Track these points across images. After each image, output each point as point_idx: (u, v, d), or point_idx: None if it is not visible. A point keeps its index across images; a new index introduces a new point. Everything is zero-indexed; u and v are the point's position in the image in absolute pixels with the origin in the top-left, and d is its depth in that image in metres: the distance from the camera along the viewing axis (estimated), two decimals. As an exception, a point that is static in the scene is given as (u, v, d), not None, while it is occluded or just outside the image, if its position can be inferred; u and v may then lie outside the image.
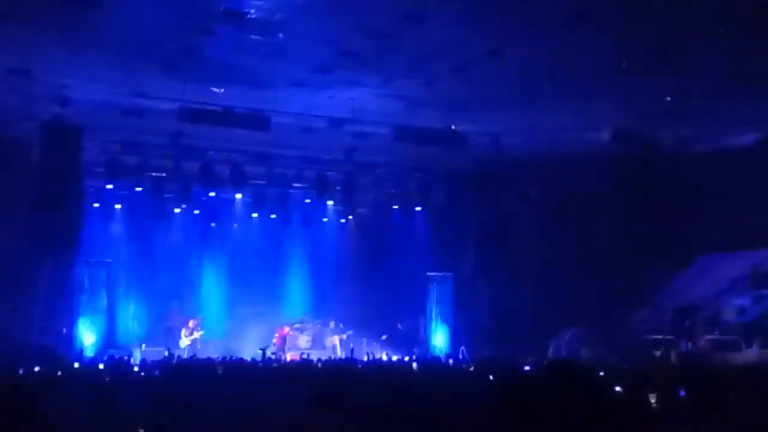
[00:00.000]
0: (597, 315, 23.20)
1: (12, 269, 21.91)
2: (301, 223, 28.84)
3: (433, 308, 28.00)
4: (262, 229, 29.00)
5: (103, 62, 17.59)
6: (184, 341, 26.00)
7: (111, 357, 18.73)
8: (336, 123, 21.31)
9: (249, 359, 19.12)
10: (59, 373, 14.13)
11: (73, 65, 17.89)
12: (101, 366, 16.49)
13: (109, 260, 25.27)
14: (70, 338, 22.33)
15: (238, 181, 25.13)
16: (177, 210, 27.44)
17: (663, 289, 24.41)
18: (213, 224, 28.63)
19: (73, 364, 17.31)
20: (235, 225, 28.93)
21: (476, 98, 19.98)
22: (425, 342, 27.77)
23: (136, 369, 16.34)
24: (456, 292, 27.63)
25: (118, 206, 26.83)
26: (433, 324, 27.94)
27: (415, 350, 26.27)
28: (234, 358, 19.10)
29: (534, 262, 25.28)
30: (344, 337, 27.47)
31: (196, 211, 28.05)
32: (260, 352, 21.27)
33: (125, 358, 19.98)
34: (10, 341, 19.46)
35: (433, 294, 28.08)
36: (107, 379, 13.16)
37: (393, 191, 27.95)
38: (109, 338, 24.66)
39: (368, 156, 25.03)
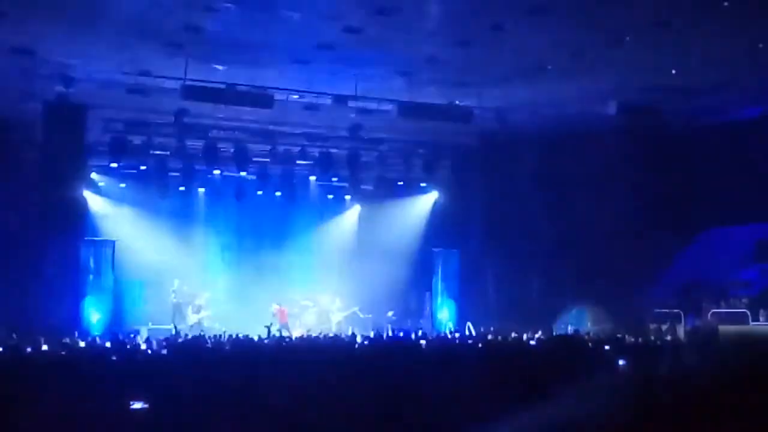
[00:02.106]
0: (604, 289, 23.17)
1: (18, 249, 21.96)
2: (306, 200, 28.77)
3: (439, 284, 27.99)
4: (267, 207, 28.97)
5: (107, 41, 17.54)
6: (191, 319, 26.04)
7: (117, 336, 18.76)
8: (340, 100, 21.24)
9: (256, 337, 19.13)
10: (65, 353, 14.18)
11: (77, 45, 17.84)
12: (108, 345, 16.53)
13: (115, 239, 25.28)
14: (76, 317, 22.38)
15: (242, 159, 25.08)
16: (182, 188, 27.42)
17: (669, 262, 24.37)
18: (219, 202, 28.62)
19: (79, 343, 17.35)
20: (240, 202, 28.94)
21: (480, 74, 19.89)
22: (430, 318, 27.77)
23: (143, 347, 16.39)
24: (462, 268, 27.61)
25: (122, 185, 26.83)
26: (439, 300, 27.93)
27: (421, 324, 26.24)
28: (241, 335, 19.11)
29: (540, 237, 25.22)
30: (349, 313, 27.48)
31: (201, 189, 28.03)
32: (265, 328, 21.21)
33: (132, 336, 20.03)
34: (17, 321, 19.54)
35: (439, 270, 28.06)
36: (114, 357, 13.19)
37: (398, 168, 27.85)
38: (115, 317, 24.71)
39: (372, 133, 24.96)
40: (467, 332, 23.75)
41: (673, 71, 19.27)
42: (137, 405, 8.04)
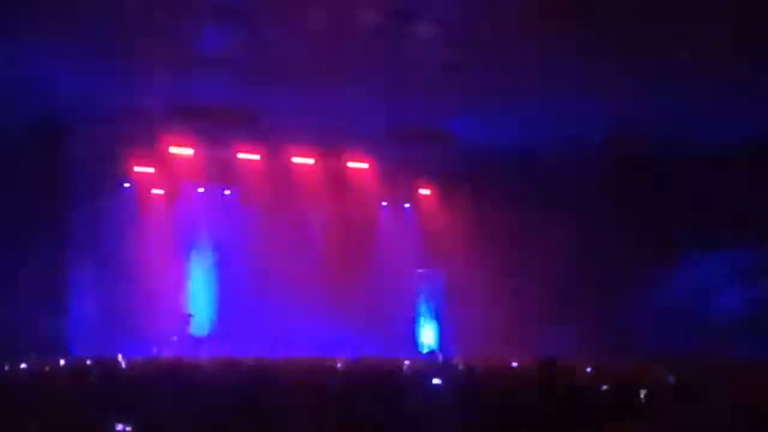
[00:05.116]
0: (587, 312, 23.24)
1: (1, 266, 21.82)
2: (290, 219, 28.66)
3: (423, 306, 27.95)
4: (250, 225, 28.89)
5: (92, 58, 17.53)
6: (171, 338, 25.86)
7: (99, 353, 18.62)
8: (325, 120, 21.33)
9: (237, 357, 19.04)
10: (46, 369, 14.10)
11: (61, 62, 17.82)
12: (88, 362, 16.42)
13: (98, 256, 25.15)
14: (58, 335, 22.22)
15: (227, 177, 25.06)
16: (165, 205, 27.34)
17: (651, 286, 24.44)
18: (200, 219, 28.50)
19: (59, 361, 17.24)
20: (223, 220, 28.83)
21: (466, 96, 19.95)
22: (413, 340, 27.71)
23: (123, 366, 16.29)
24: (446, 289, 27.59)
25: (107, 201, 26.70)
26: (423, 321, 27.88)
27: (404, 345, 26.15)
28: (222, 355, 19.03)
29: (524, 259, 25.26)
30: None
31: (185, 207, 27.94)
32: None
33: (114, 354, 19.88)
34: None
35: (423, 291, 28.02)
36: (94, 375, 13.12)
37: (382, 188, 27.82)
38: (97, 335, 24.53)
39: (357, 153, 25.04)
40: (450, 353, 23.71)
41: (659, 100, 19.42)
42: (119, 428, 7.98)
